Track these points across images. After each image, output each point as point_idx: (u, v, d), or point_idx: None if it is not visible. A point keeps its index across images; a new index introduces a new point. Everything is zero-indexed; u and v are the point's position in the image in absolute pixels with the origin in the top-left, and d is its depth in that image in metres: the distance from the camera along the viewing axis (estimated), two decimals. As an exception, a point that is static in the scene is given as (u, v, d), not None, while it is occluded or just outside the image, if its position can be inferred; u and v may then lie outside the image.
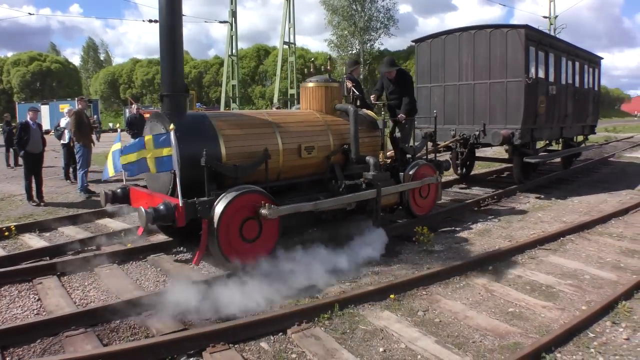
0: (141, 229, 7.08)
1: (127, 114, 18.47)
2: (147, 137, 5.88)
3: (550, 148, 15.45)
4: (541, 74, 12.19)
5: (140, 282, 6.29)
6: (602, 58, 17.51)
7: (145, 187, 7.14)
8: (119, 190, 7.05)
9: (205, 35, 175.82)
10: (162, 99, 6.55)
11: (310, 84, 8.28)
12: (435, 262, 6.96)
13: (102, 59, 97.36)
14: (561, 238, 8.15)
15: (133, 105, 18.83)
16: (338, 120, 8.02)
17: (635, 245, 7.86)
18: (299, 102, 9.01)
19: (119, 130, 8.80)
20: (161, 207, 5.83)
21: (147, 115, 10.58)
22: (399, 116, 9.09)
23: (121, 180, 7.58)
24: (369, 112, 8.81)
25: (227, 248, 6.06)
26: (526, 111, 11.33)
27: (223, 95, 28.13)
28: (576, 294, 5.90)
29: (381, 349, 4.54)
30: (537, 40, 11.97)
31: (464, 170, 13.81)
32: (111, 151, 6.56)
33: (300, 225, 7.34)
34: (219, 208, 5.97)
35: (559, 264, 6.96)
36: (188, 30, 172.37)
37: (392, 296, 5.62)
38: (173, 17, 6.32)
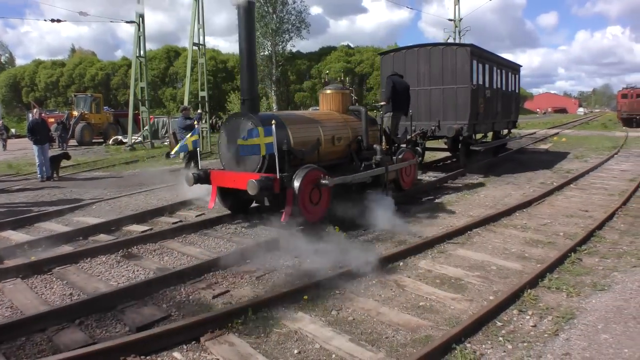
0: (212, 203, 9.21)
1: (30, 119, 17.58)
2: (260, 129, 7.81)
3: (484, 140, 18.70)
4: (481, 81, 15.41)
5: (45, 296, 5.99)
6: (521, 66, 21.07)
7: (222, 169, 9.15)
8: (201, 173, 8.91)
9: (111, 36, 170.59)
10: (244, 102, 8.68)
11: (329, 91, 10.71)
12: (348, 260, 7.02)
13: (2, 60, 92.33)
14: (468, 232, 8.44)
15: (35, 110, 17.95)
16: (351, 118, 10.51)
17: (538, 236, 8.26)
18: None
19: (196, 124, 10.30)
20: (263, 179, 7.81)
21: (51, 120, 10.27)
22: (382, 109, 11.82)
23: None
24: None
25: (303, 209, 8.16)
26: (472, 110, 14.42)
27: (131, 97, 27.17)
28: (484, 284, 6.12)
29: (296, 351, 4.53)
30: (478, 55, 15.11)
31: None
32: (187, 137, 9.41)
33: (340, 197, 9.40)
34: (298, 180, 8.04)
35: (466, 256, 7.20)
36: (93, 30, 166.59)
37: (305, 297, 5.63)
38: (250, 44, 8.71)
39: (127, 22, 25.95)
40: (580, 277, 6.29)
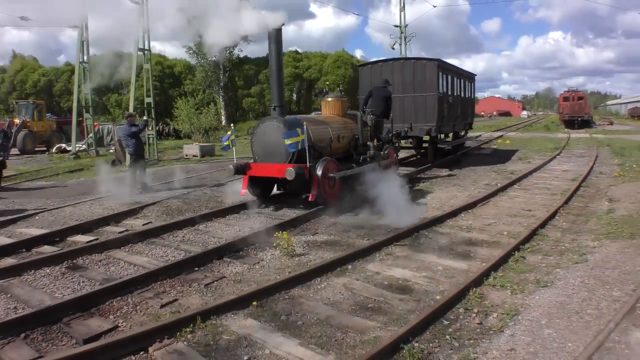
0: (244, 190, 11.04)
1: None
2: (299, 130, 9.86)
3: (447, 139, 20.95)
4: (445, 89, 18.24)
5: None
6: (475, 75, 24.41)
7: (255, 161, 10.93)
8: (239, 165, 10.62)
9: (54, 41, 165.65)
10: (275, 108, 10.51)
11: (330, 99, 12.97)
12: (297, 265, 7.07)
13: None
14: (415, 233, 8.57)
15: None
16: (349, 121, 12.63)
17: (483, 235, 8.46)
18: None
19: (232, 126, 12.09)
20: (297, 168, 9.73)
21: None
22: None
23: None
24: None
25: (324, 191, 10.23)
26: (438, 114, 17.07)
27: (75, 104, 26.40)
28: (430, 285, 6.23)
29: (246, 357, 4.52)
30: (443, 68, 18.00)
31: None
32: (230, 136, 11.17)
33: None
34: (320, 168, 10.13)
35: (414, 258, 7.31)
36: (35, 35, 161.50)
37: (254, 303, 5.61)
38: (279, 60, 10.60)
39: (70, 26, 25.30)
40: (524, 275, 6.47)
